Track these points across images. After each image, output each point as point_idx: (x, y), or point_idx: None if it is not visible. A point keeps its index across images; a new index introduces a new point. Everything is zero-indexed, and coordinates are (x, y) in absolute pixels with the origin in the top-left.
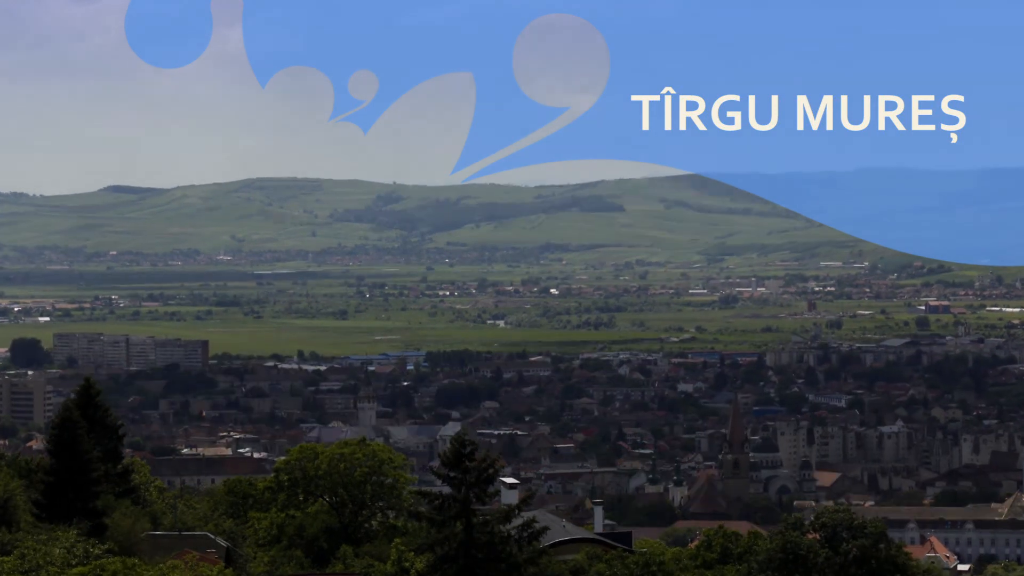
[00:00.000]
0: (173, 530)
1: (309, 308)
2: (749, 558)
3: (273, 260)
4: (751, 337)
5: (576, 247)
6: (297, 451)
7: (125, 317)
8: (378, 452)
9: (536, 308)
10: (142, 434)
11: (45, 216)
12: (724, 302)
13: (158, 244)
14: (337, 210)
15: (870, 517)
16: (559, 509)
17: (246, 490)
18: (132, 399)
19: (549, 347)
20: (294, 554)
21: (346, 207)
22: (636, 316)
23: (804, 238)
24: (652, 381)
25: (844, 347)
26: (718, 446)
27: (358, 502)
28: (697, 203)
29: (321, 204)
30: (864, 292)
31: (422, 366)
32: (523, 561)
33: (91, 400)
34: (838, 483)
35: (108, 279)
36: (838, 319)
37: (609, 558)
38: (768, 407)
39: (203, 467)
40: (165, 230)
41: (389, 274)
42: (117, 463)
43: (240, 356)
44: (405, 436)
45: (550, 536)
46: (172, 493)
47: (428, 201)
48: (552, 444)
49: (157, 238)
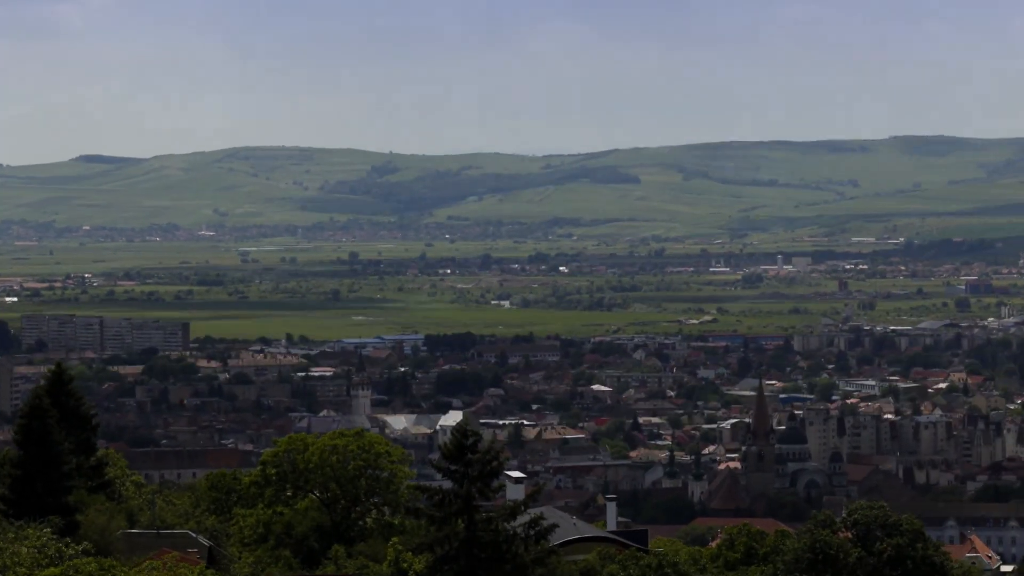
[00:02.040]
0: (151, 528)
1: (298, 288)
2: (775, 558)
3: (259, 236)
4: (777, 319)
5: (587, 221)
6: (285, 443)
7: (99, 297)
8: (373, 444)
9: (544, 287)
10: (118, 424)
11: (11, 188)
12: (748, 281)
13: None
14: (329, 182)
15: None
16: (569, 505)
17: (230, 485)
18: (107, 386)
19: (558, 330)
20: (282, 554)
21: (338, 178)
22: (652, 296)
23: (834, 211)
24: (670, 366)
25: (877, 330)
26: (741, 437)
27: (351, 498)
28: (719, 173)
29: (311, 175)
30: (899, 270)
31: (420, 350)
32: (530, 561)
33: (62, 387)
34: (871, 477)
35: (80, 256)
36: (871, 299)
37: (623, 558)
38: (795, 395)
39: (183, 460)
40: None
41: (385, 251)
42: (91, 455)
43: (224, 340)
44: (402, 426)
45: (559, 534)
46: (150, 488)
47: (427, 172)
48: (561, 435)
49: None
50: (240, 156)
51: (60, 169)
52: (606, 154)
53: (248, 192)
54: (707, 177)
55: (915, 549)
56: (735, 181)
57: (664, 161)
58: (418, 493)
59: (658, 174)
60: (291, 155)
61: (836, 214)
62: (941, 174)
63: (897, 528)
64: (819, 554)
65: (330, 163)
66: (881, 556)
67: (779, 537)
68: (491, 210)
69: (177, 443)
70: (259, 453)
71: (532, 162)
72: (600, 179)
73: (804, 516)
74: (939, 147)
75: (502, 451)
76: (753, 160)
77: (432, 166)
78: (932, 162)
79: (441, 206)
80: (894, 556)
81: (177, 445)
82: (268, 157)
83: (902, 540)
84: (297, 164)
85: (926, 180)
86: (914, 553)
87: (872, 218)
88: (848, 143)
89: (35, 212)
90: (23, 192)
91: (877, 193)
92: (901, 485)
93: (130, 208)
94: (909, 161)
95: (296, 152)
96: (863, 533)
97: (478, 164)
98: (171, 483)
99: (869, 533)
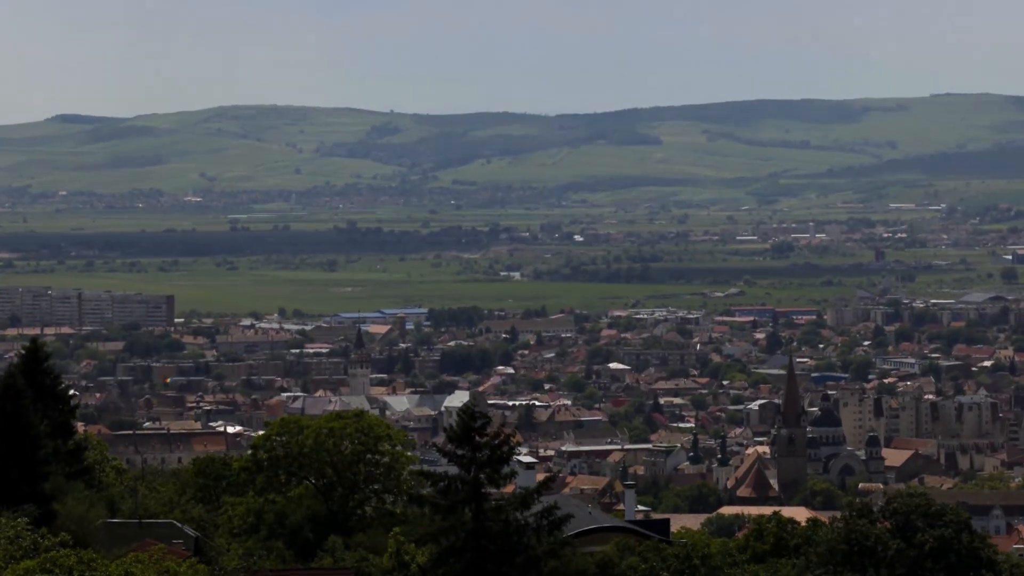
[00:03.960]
0: (133, 518)
1: (292, 258)
2: (807, 550)
3: (250, 202)
4: (809, 292)
5: (604, 186)
6: (278, 425)
7: (77, 268)
8: (373, 426)
9: (557, 258)
10: (97, 405)
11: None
12: (777, 251)
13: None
14: (325, 143)
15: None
16: (584, 493)
17: (218, 471)
18: (85, 364)
19: (572, 303)
20: (274, 545)
21: (335, 140)
22: (674, 267)
23: (871, 175)
24: (693, 343)
25: (917, 303)
26: (770, 419)
27: (349, 485)
28: (746, 134)
29: (306, 136)
30: (941, 239)
31: (424, 326)
32: (542, 554)
33: (38, 365)
34: (911, 462)
35: (57, 223)
36: (910, 270)
37: (643, 550)
38: (829, 373)
39: (168, 444)
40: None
41: (385, 218)
42: (68, 439)
43: (211, 314)
44: (404, 407)
45: (573, 525)
46: (132, 474)
47: (430, 133)
48: (576, 417)
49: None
50: (229, 116)
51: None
52: (624, 113)
53: (238, 155)
54: (733, 138)
55: (959, 541)
56: (764, 142)
57: (687, 121)
58: (421, 480)
59: (681, 135)
60: (284, 114)
61: (873, 178)
62: (986, 135)
63: (939, 518)
64: (855, 546)
65: (326, 123)
66: (922, 548)
67: (811, 527)
68: (500, 174)
69: (161, 426)
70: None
71: (544, 122)
72: (618, 140)
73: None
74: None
75: (512, 434)
76: (783, 120)
77: (436, 126)
78: (977, 122)
79: (446, 169)
80: (936, 548)
81: (161, 428)
82: (259, 117)
83: (945, 531)
84: (291, 124)
85: (970, 141)
86: (958, 545)
87: (912, 183)
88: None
89: (8, 176)
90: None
91: (917, 156)
92: (943, 471)
93: (110, 172)
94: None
95: (290, 111)
96: (902, 523)
97: (486, 124)
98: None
99: (909, 523)
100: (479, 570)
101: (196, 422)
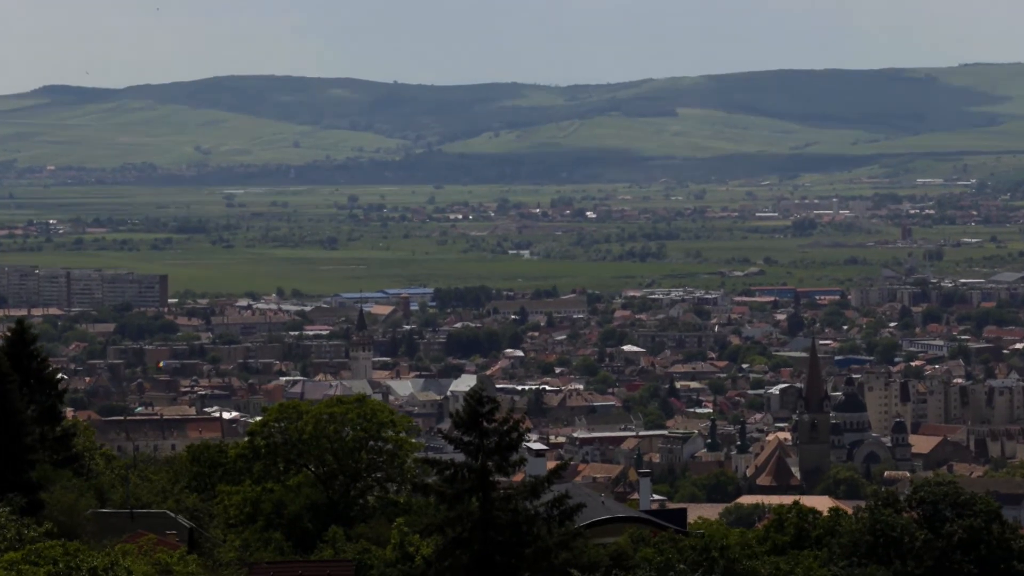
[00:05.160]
0: (124, 508)
1: (291, 235)
2: (830, 542)
3: (246, 177)
4: (832, 271)
5: (618, 160)
6: (276, 411)
7: (66, 246)
8: (375, 412)
9: (569, 235)
10: (87, 389)
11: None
12: (799, 228)
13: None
14: (325, 115)
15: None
16: (597, 481)
17: (214, 458)
18: (74, 346)
19: (584, 283)
20: (272, 536)
21: (336, 111)
22: (691, 245)
23: (897, 149)
24: (711, 324)
25: (946, 283)
26: (792, 404)
27: (351, 473)
28: (767, 106)
29: (305, 107)
30: (971, 215)
31: (429, 306)
32: (553, 545)
33: (24, 348)
34: (939, 449)
35: (45, 199)
36: (938, 248)
37: (658, 541)
38: (853, 356)
39: (161, 430)
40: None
41: (389, 194)
42: (56, 425)
43: (206, 294)
44: (408, 392)
45: (586, 515)
46: (123, 462)
47: (436, 104)
48: (588, 402)
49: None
50: (225, 86)
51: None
52: (639, 84)
53: (233, 127)
54: (754, 110)
55: (989, 531)
56: (784, 115)
57: (704, 92)
58: (426, 467)
59: (698, 107)
60: (282, 85)
61: (899, 152)
62: (1018, 107)
63: (969, 508)
64: (880, 537)
65: (326, 94)
66: (951, 539)
67: (834, 518)
68: (509, 147)
69: (154, 411)
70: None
71: (555, 93)
72: (632, 112)
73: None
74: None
75: (522, 420)
76: (805, 91)
77: (442, 98)
78: (1008, 93)
79: (452, 143)
80: (966, 539)
81: (154, 413)
82: (256, 87)
83: (975, 521)
84: (289, 95)
85: (1002, 113)
86: (988, 536)
87: (940, 156)
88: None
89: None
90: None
91: (946, 129)
92: (973, 458)
93: (100, 146)
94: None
95: (288, 82)
96: (930, 513)
97: (494, 95)
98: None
99: (937, 513)
100: (486, 562)
101: (190, 407)
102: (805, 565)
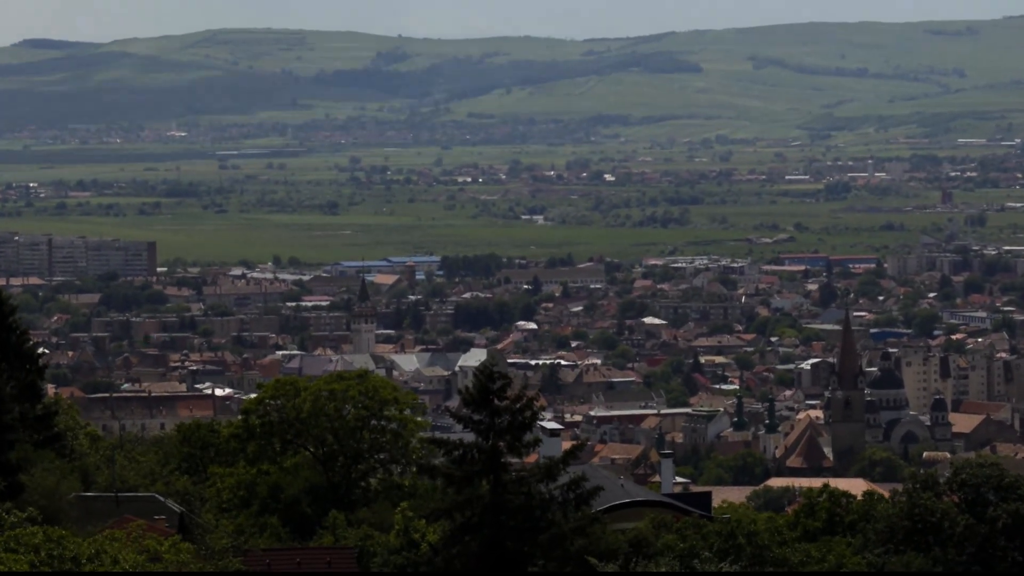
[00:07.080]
0: (110, 491)
1: (288, 200)
2: (864, 527)
3: (241, 137)
4: (867, 238)
5: (638, 119)
6: (272, 387)
7: (47, 211)
8: (379, 388)
9: (585, 199)
10: (70, 364)
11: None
12: (832, 191)
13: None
14: (325, 71)
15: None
16: (616, 463)
17: (205, 438)
18: (56, 318)
19: (602, 251)
20: (268, 521)
21: (337, 67)
22: (716, 210)
23: (936, 107)
24: (737, 295)
25: (988, 250)
26: (824, 380)
27: (352, 454)
28: (796, 61)
29: (304, 63)
30: (1015, 178)
31: (436, 275)
32: (568, 531)
33: (3, 320)
34: (981, 428)
35: (24, 161)
36: (981, 214)
37: (681, 527)
38: (889, 329)
39: (149, 408)
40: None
41: (393, 155)
42: (37, 402)
43: (198, 263)
44: (414, 367)
45: (603, 498)
46: (109, 442)
47: (443, 59)
48: (607, 377)
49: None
50: (218, 40)
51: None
52: (660, 37)
53: (227, 84)
54: (782, 65)
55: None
56: (816, 70)
57: (730, 46)
58: (433, 448)
59: (723, 62)
60: (279, 39)
61: (939, 111)
62: None
63: (1014, 491)
64: (918, 522)
65: (326, 49)
66: (994, 525)
67: (869, 502)
68: (521, 105)
69: (141, 388)
70: (241, 400)
71: (571, 47)
72: (653, 68)
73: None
74: None
75: (535, 397)
76: (838, 45)
77: (450, 52)
78: None
79: (460, 101)
80: (1010, 525)
81: (141, 390)
82: (252, 42)
83: (1020, 506)
84: (287, 50)
85: None
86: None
87: (982, 115)
88: (953, 24)
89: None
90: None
91: (989, 85)
92: (1018, 438)
93: (84, 104)
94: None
95: (285, 36)
96: (972, 497)
97: (505, 50)
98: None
99: (980, 497)
100: (497, 549)
101: (180, 384)
102: (838, 552)
